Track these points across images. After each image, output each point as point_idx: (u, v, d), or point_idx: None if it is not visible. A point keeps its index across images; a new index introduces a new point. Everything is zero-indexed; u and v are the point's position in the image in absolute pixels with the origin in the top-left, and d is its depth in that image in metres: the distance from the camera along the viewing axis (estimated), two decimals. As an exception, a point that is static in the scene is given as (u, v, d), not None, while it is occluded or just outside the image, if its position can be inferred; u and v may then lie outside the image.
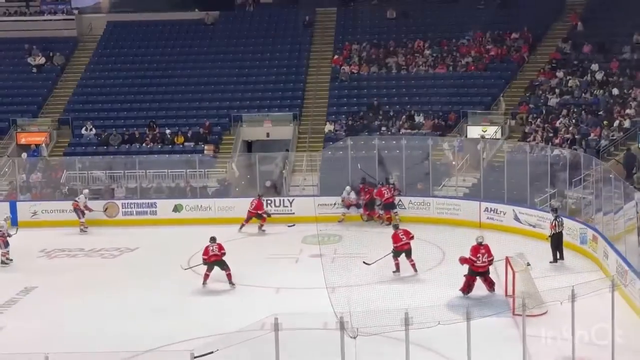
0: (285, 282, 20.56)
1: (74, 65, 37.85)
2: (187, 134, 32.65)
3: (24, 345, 15.91)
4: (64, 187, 29.97)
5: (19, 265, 23.10)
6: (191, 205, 28.38)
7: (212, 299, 19.49)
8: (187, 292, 19.93)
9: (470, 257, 18.55)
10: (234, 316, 17.61)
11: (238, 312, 18.01)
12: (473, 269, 18.56)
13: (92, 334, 17.15)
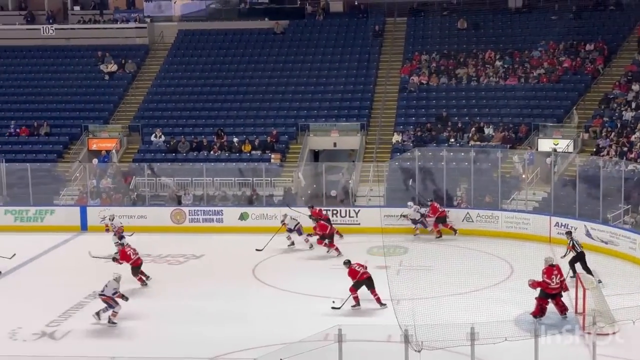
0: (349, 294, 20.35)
1: (145, 72, 38.36)
2: (254, 143, 32.74)
3: (90, 349, 16.07)
4: (133, 193, 30.33)
5: (87, 269, 23.37)
6: (257, 214, 28.42)
7: (276, 308, 19.40)
8: (251, 300, 19.90)
9: (545, 280, 17.73)
10: (297, 326, 17.51)
11: (302, 322, 17.89)
12: (547, 291, 17.83)
13: (159, 339, 17.23)
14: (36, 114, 35.32)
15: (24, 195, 29.80)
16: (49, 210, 29.02)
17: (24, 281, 22.54)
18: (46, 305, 19.79)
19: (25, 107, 36.07)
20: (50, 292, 21.16)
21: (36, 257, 24.87)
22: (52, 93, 37.00)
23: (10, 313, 19.34)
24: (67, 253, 25.96)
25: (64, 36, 39.79)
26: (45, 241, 26.59)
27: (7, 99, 36.64)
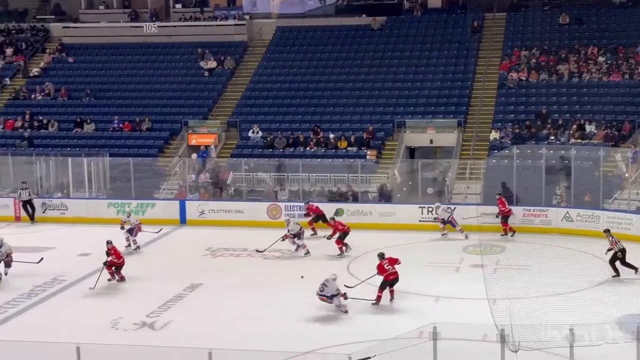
0: (445, 291, 20.20)
1: (244, 69, 38.88)
2: (350, 139, 32.78)
3: (189, 340, 16.37)
4: (231, 188, 30.79)
5: (186, 262, 23.86)
6: (352, 210, 28.44)
7: (371, 305, 19.37)
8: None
9: None
10: (391, 323, 17.46)
11: (396, 319, 17.82)
12: None
13: (253, 332, 17.44)
14: (138, 110, 36.22)
15: (126, 188, 30.61)
16: (149, 203, 29.72)
17: (124, 273, 23.11)
18: (146, 296, 20.28)
19: (128, 102, 37.04)
20: (151, 284, 21.68)
21: (137, 249, 25.46)
22: (154, 89, 37.89)
23: (112, 303, 19.90)
24: (166, 246, 26.53)
25: (166, 33, 40.69)
26: (145, 234, 27.21)
27: (111, 95, 37.71)
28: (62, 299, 20.58)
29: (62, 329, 17.61)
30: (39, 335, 16.50)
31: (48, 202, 30.24)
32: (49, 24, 42.31)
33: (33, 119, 35.97)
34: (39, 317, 19.15)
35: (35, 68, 39.67)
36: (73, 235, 27.00)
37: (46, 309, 19.82)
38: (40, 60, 40.28)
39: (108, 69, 39.51)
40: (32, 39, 41.38)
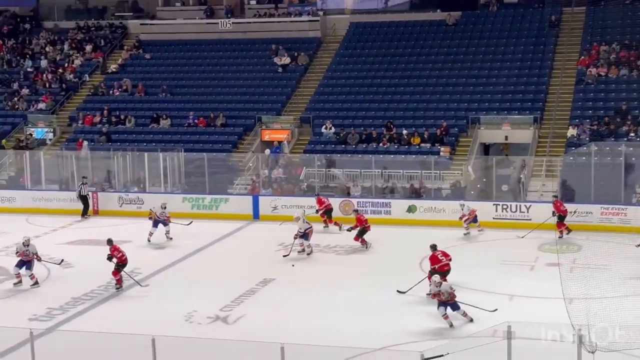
0: (520, 290, 19.88)
1: (317, 65, 38.94)
2: (423, 135, 32.56)
3: (261, 334, 16.46)
4: (303, 184, 30.88)
5: (258, 257, 24.01)
6: (425, 207, 28.23)
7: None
8: (420, 294, 19.76)
9: None
10: (464, 320, 17.27)
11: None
12: None
13: (324, 328, 17.45)
14: (213, 106, 36.62)
15: (200, 183, 31.00)
16: (223, 198, 30.00)
17: (199, 267, 23.40)
18: (220, 291, 20.47)
19: (203, 98, 37.48)
20: (224, 278, 21.88)
21: (210, 243, 25.77)
22: (228, 85, 38.26)
23: (186, 297, 20.14)
24: (239, 240, 26.76)
25: (241, 30, 41.01)
26: (219, 228, 27.52)
27: (186, 91, 38.22)
28: (137, 291, 20.91)
29: (137, 321, 17.90)
30: (115, 327, 16.80)
31: (125, 196, 30.80)
32: (127, 21, 43.09)
33: (111, 115, 36.68)
34: (115, 309, 19.51)
35: (113, 64, 40.44)
36: (148, 228, 27.40)
37: (122, 301, 20.18)
38: (118, 57, 41.06)
39: (184, 65, 40.03)
40: (110, 36, 42.20)
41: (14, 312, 19.26)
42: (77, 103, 38.49)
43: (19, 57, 41.26)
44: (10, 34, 42.84)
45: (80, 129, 36.35)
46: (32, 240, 21.79)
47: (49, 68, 40.15)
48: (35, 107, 37.83)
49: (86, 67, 40.51)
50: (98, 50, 41.13)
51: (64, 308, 19.36)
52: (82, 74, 40.02)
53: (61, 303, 19.65)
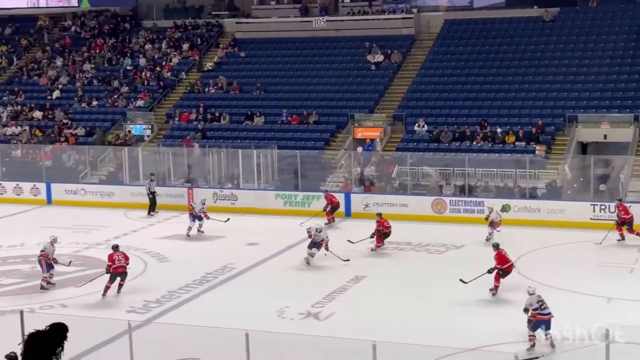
0: (618, 292, 19.37)
1: (410, 62, 38.74)
2: (518, 133, 32.01)
3: (353, 331, 16.49)
4: (395, 182, 30.78)
5: (351, 254, 24.02)
6: (520, 206, 27.76)
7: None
8: (511, 293, 19.46)
9: None
10: (559, 323, 16.91)
11: (565, 320, 17.23)
12: None
13: (416, 326, 17.37)
14: (306, 103, 36.84)
15: (293, 180, 31.22)
16: (315, 195, 30.11)
17: (291, 262, 23.57)
18: (312, 287, 20.60)
19: (296, 96, 37.75)
20: (316, 274, 22.01)
21: (302, 240, 25.87)
22: (322, 83, 38.41)
23: (279, 292, 20.34)
24: (330, 237, 26.78)
25: (334, 27, 41.10)
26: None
27: (280, 89, 38.56)
28: (231, 286, 21.24)
29: (231, 316, 18.16)
30: (209, 321, 17.08)
31: (219, 192, 31.29)
32: (223, 20, 43.74)
33: (206, 112, 37.31)
34: (210, 303, 19.85)
35: (209, 63, 41.11)
36: (242, 224, 27.79)
37: (216, 295, 20.52)
38: (214, 55, 41.72)
39: (277, 63, 40.40)
40: (207, 35, 42.91)
41: (113, 304, 19.80)
42: (174, 100, 39.30)
43: (119, 56, 42.36)
44: (111, 33, 44.04)
45: (176, 126, 37.09)
46: (128, 236, 22.34)
47: (148, 66, 41.11)
48: (134, 105, 38.79)
49: (183, 65, 41.30)
50: (195, 48, 41.88)
51: (160, 301, 19.81)
52: (179, 72, 40.83)
53: (157, 296, 20.12)
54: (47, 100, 40.03)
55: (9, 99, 40.41)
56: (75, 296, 20.47)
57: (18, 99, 40.34)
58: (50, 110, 39.22)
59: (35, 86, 41.51)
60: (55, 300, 20.12)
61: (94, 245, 25.73)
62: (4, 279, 22.33)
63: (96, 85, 40.72)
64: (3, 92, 41.17)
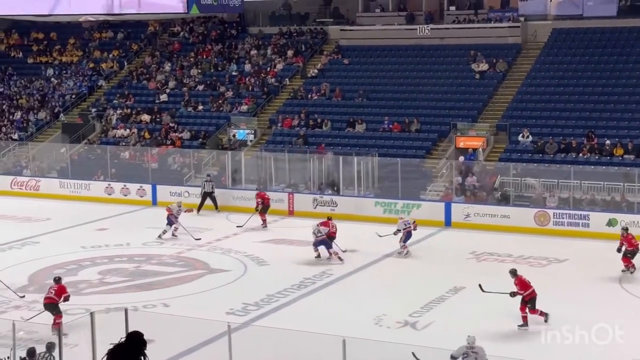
0: None
1: (516, 72, 38.10)
2: (627, 146, 31.07)
3: (450, 342, 16.30)
4: (497, 192, 30.33)
5: (449, 264, 23.81)
6: (627, 221, 26.90)
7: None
8: (614, 311, 18.90)
9: None
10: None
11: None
12: None
13: (511, 339, 17.05)
14: (408, 111, 36.68)
15: (393, 188, 31.14)
16: (415, 204, 29.98)
17: (389, 270, 23.52)
18: (410, 296, 20.49)
19: (398, 104, 37.63)
20: (413, 284, 21.90)
21: (398, 249, 25.79)
22: (424, 91, 38.17)
23: (376, 300, 20.31)
24: (430, 247, 26.64)
25: (438, 36, 40.81)
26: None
27: (382, 96, 38.52)
28: (329, 292, 21.32)
29: (328, 322, 18.22)
30: (306, 326, 17.18)
31: (319, 198, 31.48)
32: (327, 27, 44.02)
33: (308, 118, 37.59)
34: (307, 308, 19.98)
35: (313, 69, 41.43)
36: (341, 231, 27.86)
37: (314, 300, 20.64)
38: (318, 62, 42.01)
39: (380, 71, 40.38)
40: (311, 41, 43.27)
41: (213, 305, 20.14)
42: (277, 106, 39.75)
43: (225, 61, 43.14)
44: (218, 39, 44.89)
45: (279, 132, 37.50)
46: (229, 239, 22.67)
47: (252, 72, 41.72)
48: (238, 110, 39.43)
49: (287, 72, 41.74)
50: (299, 55, 42.29)
51: (258, 304, 20.06)
52: (282, 78, 41.29)
53: (256, 299, 20.37)
54: (155, 104, 41.11)
55: (119, 102, 41.67)
56: (177, 296, 20.96)
57: (127, 102, 41.55)
58: (157, 113, 40.26)
59: (144, 90, 42.69)
60: (158, 300, 20.62)
61: (196, 247, 26.27)
62: (110, 277, 23.03)
63: (202, 90, 41.58)
64: (114, 95, 42.48)
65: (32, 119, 41.89)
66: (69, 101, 42.76)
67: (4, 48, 47.84)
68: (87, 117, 40.94)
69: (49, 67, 45.57)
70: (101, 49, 46.16)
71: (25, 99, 43.43)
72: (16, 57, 47.24)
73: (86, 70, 44.76)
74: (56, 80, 44.51)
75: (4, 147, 39.31)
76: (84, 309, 18.31)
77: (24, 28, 47.67)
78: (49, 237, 27.44)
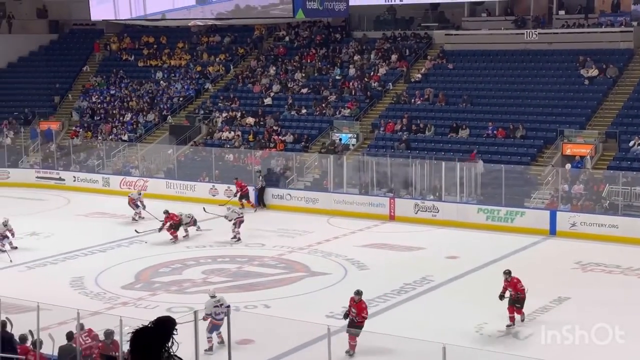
0: None
1: (627, 77, 36.93)
2: None
3: (553, 353, 15.97)
4: (605, 201, 29.47)
5: (553, 274, 23.25)
6: None
7: None
8: None
9: None
10: None
11: None
12: None
13: (619, 353, 16.55)
14: (513, 117, 36.04)
15: (496, 195, 30.66)
16: (519, 212, 29.45)
17: (491, 278, 23.09)
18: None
19: (503, 109, 37.02)
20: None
21: (505, 256, 25.38)
22: (530, 97, 37.42)
23: (477, 308, 20.00)
24: (534, 256, 26.10)
25: (546, 40, 39.98)
26: (512, 242, 27.05)
27: (487, 102, 37.98)
28: (429, 298, 21.15)
29: (428, 328, 18.07)
30: (406, 331, 17.09)
31: (420, 203, 31.27)
32: (432, 32, 43.71)
33: (411, 123, 37.39)
34: (407, 314, 19.87)
35: (416, 74, 41.21)
36: (443, 237, 27.65)
37: (414, 306, 20.51)
38: (422, 67, 41.76)
39: (485, 76, 39.83)
40: (415, 46, 43.04)
41: (313, 308, 20.26)
42: (380, 110, 39.69)
43: (329, 66, 43.37)
44: (322, 43, 45.18)
45: (381, 136, 37.45)
46: (330, 242, 22.70)
47: (356, 76, 41.81)
48: (340, 113, 39.56)
49: (390, 76, 41.63)
50: (403, 59, 42.13)
51: (358, 308, 20.03)
52: (386, 82, 41.20)
53: (356, 303, 20.36)
54: (259, 107, 41.66)
55: (225, 105, 42.40)
56: (278, 297, 21.17)
57: (233, 105, 42.24)
58: (261, 116, 40.78)
59: (249, 93, 43.31)
60: (259, 300, 20.88)
61: (297, 249, 26.48)
62: (213, 277, 23.45)
63: (306, 93, 41.91)
64: (219, 98, 43.27)
65: (142, 120, 43.07)
66: (177, 104, 43.77)
67: (117, 51, 49.38)
68: (194, 120, 41.82)
69: (158, 71, 46.78)
70: (208, 53, 47.09)
71: (135, 101, 44.70)
72: (128, 60, 48.69)
73: (193, 74, 45.74)
74: (165, 83, 45.65)
75: (114, 147, 40.57)
76: (187, 308, 18.69)
77: (136, 32, 49.08)
78: (156, 237, 28.17)
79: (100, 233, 28.85)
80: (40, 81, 47.26)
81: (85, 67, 48.80)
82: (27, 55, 49.49)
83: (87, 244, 27.02)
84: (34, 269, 24.35)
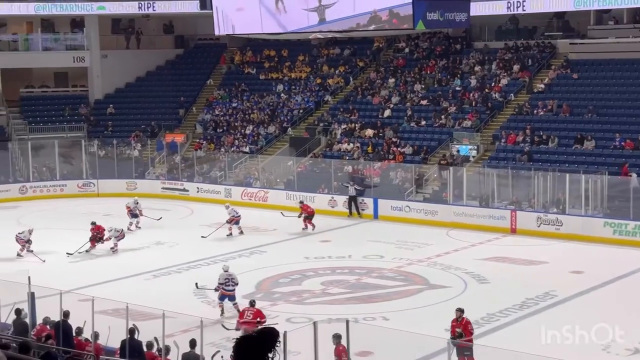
0: None
1: None
2: None
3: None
4: None
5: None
6: None
7: None
8: None
9: None
10: None
11: None
12: None
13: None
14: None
15: (624, 208, 29.60)
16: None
17: (620, 295, 22.36)
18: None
19: (631, 120, 35.73)
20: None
21: (630, 273, 24.46)
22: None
23: (605, 325, 19.26)
24: None
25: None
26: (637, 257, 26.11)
27: (614, 112, 36.75)
28: (552, 314, 20.56)
29: (552, 345, 17.51)
30: (527, 347, 16.70)
31: (543, 216, 30.52)
32: (555, 41, 42.69)
33: (534, 134, 36.58)
34: (529, 330, 19.35)
35: (539, 84, 40.32)
36: (566, 251, 26.88)
37: (537, 322, 19.95)
38: (545, 77, 40.82)
39: (612, 85, 38.56)
40: (538, 56, 42.13)
41: (432, 320, 20.04)
42: (501, 122, 39.00)
43: (449, 77, 42.97)
44: (442, 54, 44.83)
45: (502, 148, 36.78)
46: (449, 255, 22.44)
47: (476, 87, 41.26)
48: (460, 125, 39.11)
49: (512, 87, 40.87)
50: (525, 69, 41.31)
51: (478, 322, 19.65)
52: (507, 93, 40.48)
53: (477, 317, 19.94)
54: (378, 119, 41.66)
55: (344, 117, 42.60)
56: (397, 310, 21.05)
57: (352, 117, 42.40)
58: (380, 128, 40.75)
59: (368, 105, 43.37)
60: (378, 312, 20.82)
61: (416, 262, 26.28)
62: (332, 288, 23.53)
63: (425, 105, 41.64)
64: (339, 110, 43.50)
65: (262, 132, 43.76)
66: (297, 116, 44.28)
67: (239, 65, 50.40)
68: (314, 132, 42.19)
69: (279, 83, 47.46)
70: (328, 65, 47.47)
71: (256, 114, 45.46)
72: (249, 73, 49.61)
73: (313, 86, 46.19)
74: (285, 95, 46.26)
75: (236, 159, 41.38)
76: (306, 318, 18.81)
77: (258, 46, 49.98)
78: (275, 247, 28.50)
79: (222, 243, 29.42)
80: (166, 95, 48.76)
81: (209, 80, 50.01)
82: (154, 69, 51.13)
83: (210, 253, 27.60)
84: (159, 277, 25.04)
